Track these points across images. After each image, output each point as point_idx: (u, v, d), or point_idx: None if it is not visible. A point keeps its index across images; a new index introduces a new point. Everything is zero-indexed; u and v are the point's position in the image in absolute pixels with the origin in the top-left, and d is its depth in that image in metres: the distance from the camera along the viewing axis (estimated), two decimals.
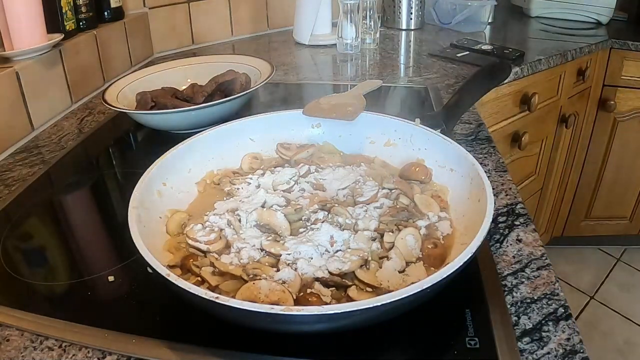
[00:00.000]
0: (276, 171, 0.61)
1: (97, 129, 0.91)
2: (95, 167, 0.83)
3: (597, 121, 1.62)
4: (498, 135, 1.27)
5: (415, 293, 0.37)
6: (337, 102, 0.70)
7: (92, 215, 0.69)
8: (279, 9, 1.49)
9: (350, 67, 1.23)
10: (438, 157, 0.60)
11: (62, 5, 0.96)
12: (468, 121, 0.86)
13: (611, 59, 1.50)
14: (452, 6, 1.52)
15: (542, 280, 0.50)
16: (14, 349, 0.45)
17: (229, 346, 0.43)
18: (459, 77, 1.10)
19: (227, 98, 0.80)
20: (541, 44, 1.41)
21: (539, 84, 1.31)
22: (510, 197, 0.65)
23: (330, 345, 0.43)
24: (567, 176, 1.72)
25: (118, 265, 0.55)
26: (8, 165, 0.79)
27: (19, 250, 0.60)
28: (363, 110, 0.67)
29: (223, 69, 0.90)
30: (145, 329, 0.46)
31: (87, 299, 0.51)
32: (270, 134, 0.67)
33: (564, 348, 0.42)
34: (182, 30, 1.34)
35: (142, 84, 0.91)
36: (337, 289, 0.45)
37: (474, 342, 0.42)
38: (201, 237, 0.51)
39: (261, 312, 0.36)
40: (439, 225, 0.52)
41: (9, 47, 0.87)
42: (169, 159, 0.58)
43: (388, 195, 0.56)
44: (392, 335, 0.43)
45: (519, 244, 0.56)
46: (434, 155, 0.60)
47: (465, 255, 0.40)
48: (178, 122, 0.80)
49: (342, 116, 0.66)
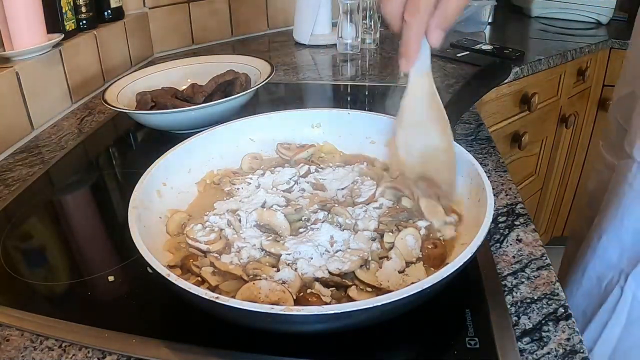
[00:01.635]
0: (276, 171, 0.61)
1: (97, 129, 0.91)
2: (95, 167, 0.83)
3: (597, 121, 1.62)
4: (498, 135, 1.27)
5: (415, 293, 0.37)
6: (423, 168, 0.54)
7: (92, 215, 0.69)
8: (279, 9, 1.49)
9: (350, 67, 1.23)
10: None
11: (62, 5, 0.96)
12: (468, 121, 0.86)
13: (611, 59, 1.50)
14: None
15: (542, 280, 0.50)
16: (14, 349, 0.45)
17: (229, 346, 0.43)
18: (459, 77, 1.10)
19: (227, 98, 0.80)
20: (541, 44, 1.42)
21: (539, 84, 1.31)
22: (510, 197, 0.65)
23: (330, 345, 0.43)
24: (567, 176, 1.72)
25: (118, 265, 0.55)
26: (8, 165, 0.79)
27: (19, 250, 0.60)
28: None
29: (223, 69, 0.90)
30: (145, 329, 0.46)
31: (87, 299, 0.51)
32: (270, 134, 0.67)
33: (564, 348, 0.42)
34: (182, 30, 1.34)
35: (142, 84, 0.91)
36: (337, 289, 0.45)
37: (474, 342, 0.42)
38: (201, 237, 0.51)
39: (261, 312, 0.36)
40: (442, 230, 0.51)
41: (9, 47, 0.87)
42: (169, 159, 0.58)
43: (383, 193, 0.56)
44: (392, 335, 0.43)
45: (519, 244, 0.56)
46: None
47: (465, 255, 0.40)
48: (178, 122, 0.80)
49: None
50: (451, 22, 0.45)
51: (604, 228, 0.71)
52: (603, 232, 0.71)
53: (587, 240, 0.75)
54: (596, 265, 0.73)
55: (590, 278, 0.74)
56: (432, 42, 0.47)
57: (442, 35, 0.47)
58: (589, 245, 0.74)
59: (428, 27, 0.46)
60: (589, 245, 0.74)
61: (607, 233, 0.71)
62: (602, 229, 0.71)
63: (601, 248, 0.72)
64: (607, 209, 0.71)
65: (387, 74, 1.14)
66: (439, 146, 0.52)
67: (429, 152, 0.53)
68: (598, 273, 0.73)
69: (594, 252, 0.73)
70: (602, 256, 0.72)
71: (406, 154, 0.54)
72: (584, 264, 0.74)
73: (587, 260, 0.74)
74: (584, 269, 0.74)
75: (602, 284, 0.72)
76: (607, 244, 0.71)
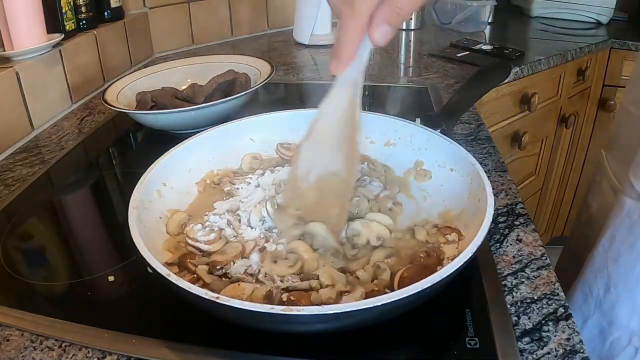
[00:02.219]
0: (276, 170, 0.61)
1: (97, 129, 0.91)
2: (95, 167, 0.83)
3: (597, 121, 1.62)
4: (498, 135, 1.27)
5: (415, 293, 0.37)
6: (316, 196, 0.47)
7: (92, 215, 0.69)
8: (279, 9, 1.49)
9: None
10: (438, 157, 0.60)
11: (62, 5, 0.96)
12: (468, 121, 0.86)
13: (611, 59, 1.50)
14: (452, 6, 1.52)
15: (542, 280, 0.50)
16: (14, 349, 0.45)
17: (229, 346, 0.43)
18: (459, 77, 1.10)
19: (227, 98, 0.80)
20: (541, 44, 1.42)
21: (539, 84, 1.31)
22: (510, 197, 0.65)
23: (330, 345, 0.43)
24: (567, 176, 1.72)
25: (118, 265, 0.55)
26: (8, 165, 0.79)
27: (19, 250, 0.60)
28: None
29: (223, 69, 0.90)
30: (145, 329, 0.46)
31: (87, 299, 0.51)
32: (270, 134, 0.67)
33: (564, 348, 0.42)
34: (182, 30, 1.34)
35: (142, 84, 0.91)
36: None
37: (474, 342, 0.42)
38: (201, 237, 0.51)
39: (261, 312, 0.36)
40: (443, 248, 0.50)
41: (9, 47, 0.87)
42: (169, 159, 0.58)
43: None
44: (392, 335, 0.43)
45: (519, 244, 0.56)
46: (434, 155, 0.60)
47: (465, 255, 0.40)
48: (178, 122, 0.80)
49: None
50: (404, 15, 0.35)
51: (614, 281, 0.62)
52: (612, 286, 0.63)
53: (588, 284, 0.66)
54: (600, 319, 0.65)
55: (592, 330, 0.65)
56: (376, 40, 0.37)
57: (389, 33, 0.37)
58: (591, 293, 0.65)
59: (372, 20, 0.36)
60: (590, 293, 0.65)
61: (617, 288, 0.63)
62: (612, 281, 0.63)
63: (608, 303, 0.63)
64: (621, 259, 0.62)
65: (387, 74, 1.14)
66: (339, 174, 0.44)
67: (326, 178, 0.44)
68: (601, 327, 0.64)
69: (598, 305, 0.64)
70: (608, 312, 0.64)
71: (305, 173, 0.46)
72: (585, 314, 0.66)
73: (589, 312, 0.66)
74: (585, 320, 0.66)
75: (607, 340, 0.64)
76: (615, 299, 0.63)
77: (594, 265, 0.67)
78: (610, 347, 0.63)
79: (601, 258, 0.65)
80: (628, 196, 0.62)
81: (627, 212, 0.62)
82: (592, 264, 0.67)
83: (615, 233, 0.63)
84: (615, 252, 0.63)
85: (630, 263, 0.60)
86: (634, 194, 0.61)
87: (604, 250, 0.65)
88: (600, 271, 0.65)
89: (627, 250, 0.61)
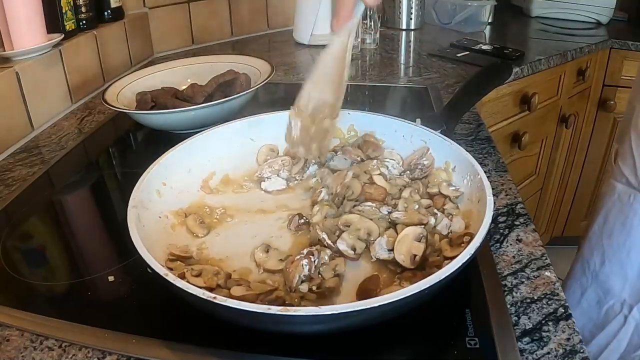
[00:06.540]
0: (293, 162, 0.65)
1: (97, 129, 0.91)
2: (95, 167, 0.83)
3: (597, 121, 1.62)
4: (498, 135, 1.27)
5: (414, 294, 0.37)
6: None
7: (92, 215, 0.69)
8: (279, 9, 1.49)
9: (350, 67, 1.23)
10: (438, 158, 0.60)
11: (62, 5, 0.96)
12: (468, 121, 0.86)
13: (611, 59, 1.50)
14: (452, 6, 1.52)
15: (542, 280, 0.50)
16: (14, 349, 0.45)
17: (229, 346, 0.43)
18: (459, 77, 1.10)
19: (227, 98, 0.80)
20: (541, 44, 1.41)
21: (539, 84, 1.31)
22: (510, 197, 0.65)
23: (330, 345, 0.43)
24: (567, 176, 1.72)
25: (118, 265, 0.55)
26: (8, 165, 0.79)
27: (19, 250, 0.60)
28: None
29: (223, 69, 0.90)
30: (145, 329, 0.46)
31: (87, 299, 0.51)
32: (270, 134, 0.67)
33: (564, 348, 0.42)
34: (182, 30, 1.34)
35: (142, 84, 0.91)
36: None
37: (474, 342, 0.42)
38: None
39: (257, 312, 0.36)
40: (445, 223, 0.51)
41: (9, 47, 0.87)
42: (169, 159, 0.58)
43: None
44: (392, 336, 0.43)
45: (519, 244, 0.56)
46: (434, 155, 0.60)
47: (465, 255, 0.40)
48: (178, 122, 0.80)
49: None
50: None
51: (609, 255, 0.71)
52: (607, 259, 0.71)
53: (585, 259, 0.75)
54: (597, 289, 0.74)
55: (589, 300, 0.74)
56: (368, 1, 0.46)
57: None
58: (588, 267, 0.74)
59: None
60: (588, 266, 0.74)
61: (610, 262, 0.71)
62: (606, 255, 0.71)
63: (603, 274, 0.72)
64: (614, 236, 0.71)
65: (387, 74, 1.14)
66: (328, 101, 0.54)
67: (320, 105, 0.55)
68: (598, 297, 0.73)
69: (595, 277, 0.73)
70: (604, 282, 0.73)
71: (306, 102, 0.56)
72: (583, 285, 0.75)
73: (587, 283, 0.74)
74: (583, 291, 0.75)
75: (602, 308, 0.72)
76: (609, 271, 0.71)
77: (590, 242, 0.76)
78: (605, 314, 0.72)
79: (596, 235, 0.74)
80: (618, 181, 0.72)
81: (618, 195, 0.71)
82: (589, 240, 0.77)
83: (608, 213, 0.72)
84: (608, 230, 0.72)
85: (622, 239, 0.70)
86: (623, 179, 0.70)
87: (599, 228, 0.74)
88: (596, 247, 0.74)
89: (619, 228, 0.71)
